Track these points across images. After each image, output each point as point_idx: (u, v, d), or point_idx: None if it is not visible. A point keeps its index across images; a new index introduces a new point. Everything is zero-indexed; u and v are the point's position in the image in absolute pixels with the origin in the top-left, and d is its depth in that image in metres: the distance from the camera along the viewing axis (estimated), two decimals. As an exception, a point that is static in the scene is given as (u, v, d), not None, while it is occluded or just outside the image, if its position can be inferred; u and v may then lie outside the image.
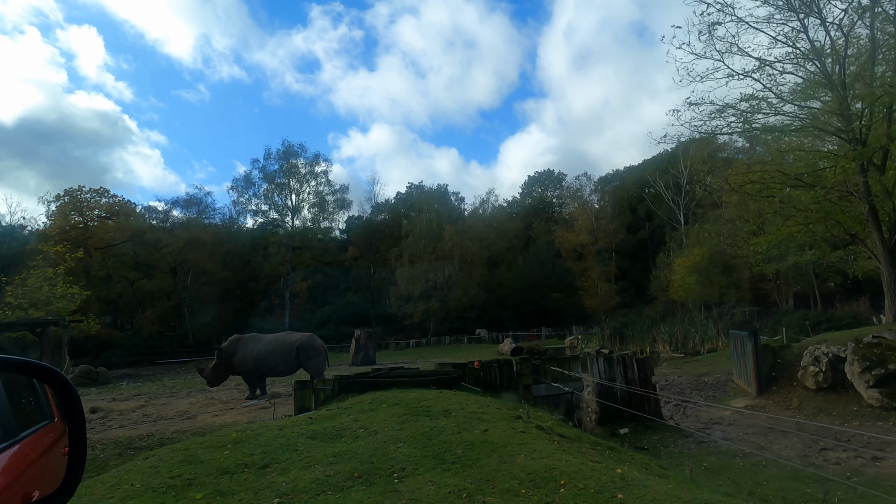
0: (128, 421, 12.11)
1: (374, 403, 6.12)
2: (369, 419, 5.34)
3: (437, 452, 4.04)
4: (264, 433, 5.14)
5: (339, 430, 5.03)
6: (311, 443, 4.67)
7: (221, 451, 4.67)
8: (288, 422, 5.72)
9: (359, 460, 3.99)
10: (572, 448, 4.34)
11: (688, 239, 42.23)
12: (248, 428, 5.57)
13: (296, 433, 5.03)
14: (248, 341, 14.00)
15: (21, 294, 27.08)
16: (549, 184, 73.37)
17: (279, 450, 4.51)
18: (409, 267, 40.89)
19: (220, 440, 5.06)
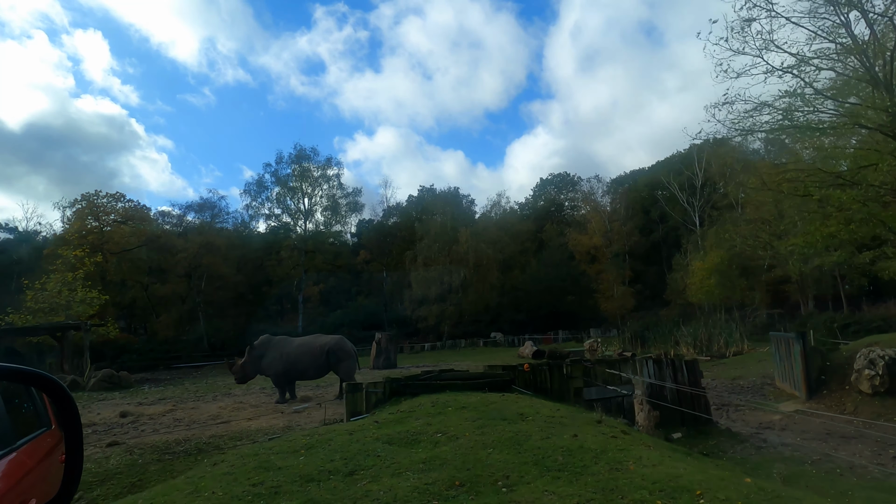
0: (160, 425, 11.98)
1: (439, 406, 5.91)
2: (442, 423, 5.12)
3: (536, 459, 3.82)
4: (335, 438, 4.94)
5: (413, 434, 4.82)
6: (391, 448, 4.46)
7: (296, 457, 4.48)
8: (354, 426, 5.52)
9: (453, 467, 3.78)
10: (676, 455, 4.11)
11: (705, 241, 41.74)
12: (316, 432, 5.37)
13: (368, 438, 4.83)
14: (278, 344, 13.85)
15: (41, 298, 27.15)
16: (563, 186, 73.12)
17: (359, 456, 4.31)
18: (423, 270, 40.72)
19: (290, 445, 4.87)
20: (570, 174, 74.23)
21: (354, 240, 60.70)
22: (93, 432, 11.61)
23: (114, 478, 8.40)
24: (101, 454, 9.43)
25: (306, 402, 13.23)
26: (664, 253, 60.88)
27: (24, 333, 25.91)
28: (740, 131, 13.52)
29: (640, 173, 72.24)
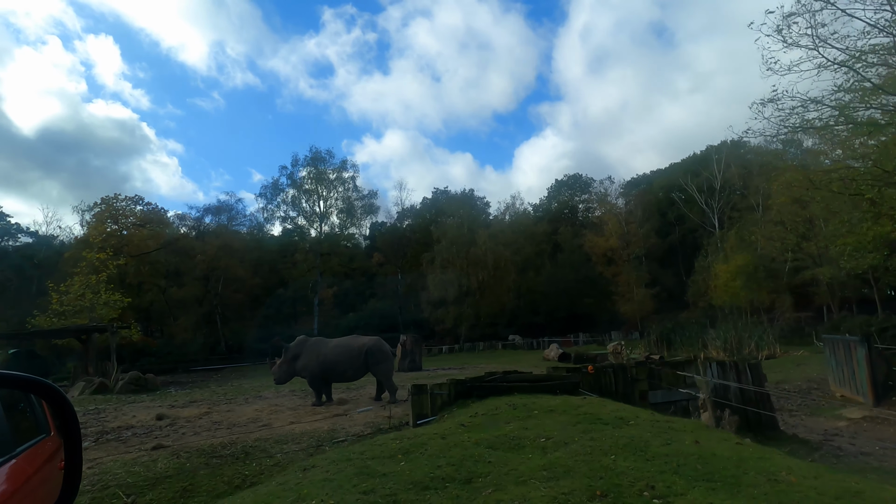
0: (199, 428, 11.79)
1: (522, 409, 5.63)
2: (539, 427, 4.85)
3: (671, 467, 3.53)
4: (429, 443, 4.68)
5: (513, 439, 4.55)
6: (497, 453, 4.19)
7: (396, 463, 4.22)
8: (442, 429, 5.25)
9: (582, 475, 3.50)
10: (819, 465, 3.79)
11: (725, 243, 41.17)
12: (403, 436, 5.11)
13: (466, 442, 4.56)
14: (314, 345, 13.62)
15: (66, 301, 27.24)
16: (576, 188, 72.70)
17: (467, 461, 4.04)
18: (440, 272, 40.44)
19: (381, 450, 4.62)
20: (583, 176, 73.82)
21: (368, 242, 60.63)
22: (133, 435, 11.46)
23: (164, 482, 8.20)
24: (148, 457, 9.24)
25: (369, 406, 12.93)
26: (681, 255, 60.24)
27: (51, 336, 25.99)
28: (791, 128, 13.13)
29: (655, 175, 71.71)
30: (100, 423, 13.47)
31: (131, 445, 10.38)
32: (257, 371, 33.96)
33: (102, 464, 9.03)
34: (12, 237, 51.78)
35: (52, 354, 41.74)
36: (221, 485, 7.98)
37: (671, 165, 72.84)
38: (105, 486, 7.98)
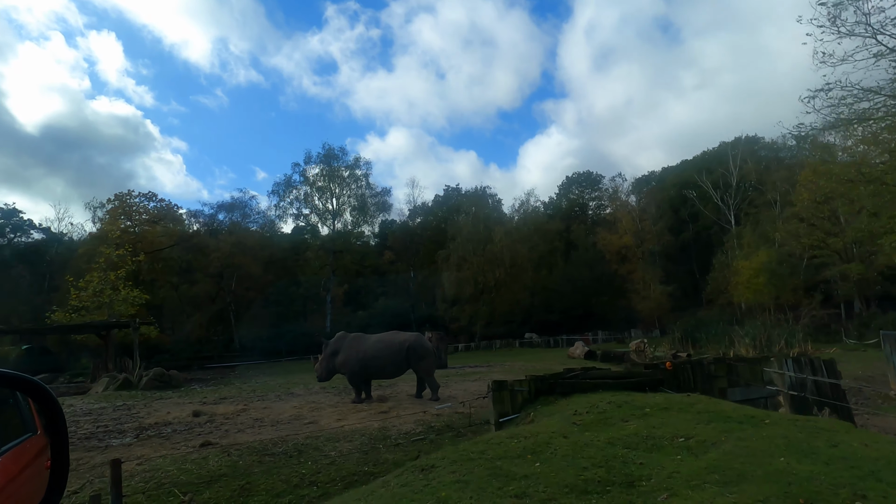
0: (242, 425, 11.50)
1: (632, 407, 5.29)
2: (666, 425, 4.51)
3: (862, 473, 3.18)
4: (553, 442, 4.35)
5: (647, 438, 4.21)
6: (640, 454, 3.86)
7: (530, 464, 3.89)
8: (553, 428, 4.91)
9: (759, 479, 3.16)
10: None
11: (743, 239, 40.70)
12: (517, 435, 4.77)
13: (598, 442, 4.23)
14: (353, 341, 13.32)
15: (85, 297, 27.03)
16: (587, 185, 72.25)
17: (613, 462, 3.71)
18: (456, 269, 40.09)
19: (504, 450, 4.28)
20: (593, 173, 73.31)
21: (377, 240, 60.35)
22: (173, 432, 11.19)
23: (219, 480, 7.92)
24: (197, 455, 8.96)
25: (445, 403, 12.60)
26: (694, 253, 59.80)
27: (72, 331, 25.79)
28: (846, 119, 12.73)
29: (666, 172, 71.16)
30: (134, 419, 13.22)
31: (176, 442, 10.12)
32: (273, 368, 33.69)
33: (151, 461, 8.77)
34: (25, 233, 51.75)
35: (63, 351, 41.62)
36: (279, 484, 7.70)
37: (683, 162, 72.27)
38: (159, 483, 7.70)
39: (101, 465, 8.68)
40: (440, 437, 9.11)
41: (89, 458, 9.22)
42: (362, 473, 8.10)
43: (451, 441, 8.54)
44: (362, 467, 8.34)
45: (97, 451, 9.70)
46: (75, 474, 8.27)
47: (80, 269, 41.67)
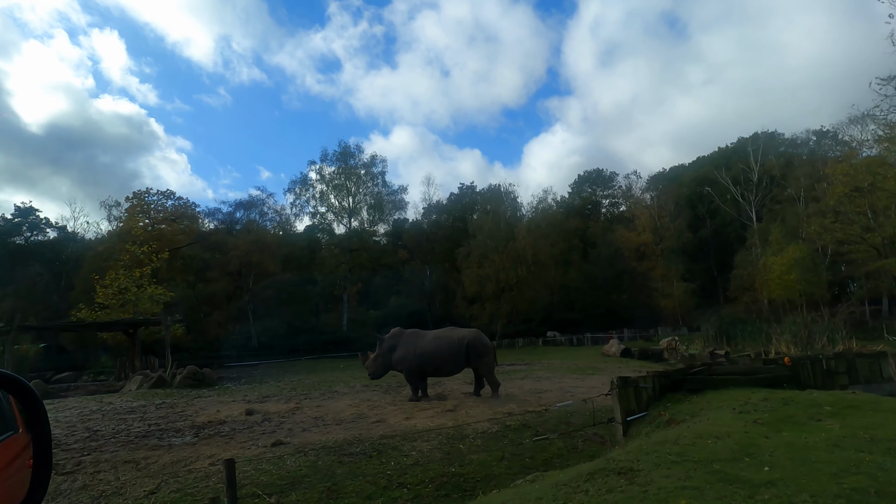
0: (304, 424, 11.08)
1: (799, 408, 4.84)
2: (875, 426, 4.07)
3: None
4: (759, 442, 3.90)
5: (872, 441, 3.77)
6: (891, 460, 3.41)
7: (755, 468, 3.44)
8: (736, 427, 4.47)
9: None
10: None
11: (770, 235, 40.05)
12: (706, 434, 4.33)
13: (830, 444, 3.78)
14: (411, 337, 12.91)
15: (110, 294, 26.75)
16: (599, 183, 71.84)
17: (867, 469, 3.27)
18: (477, 267, 39.63)
19: (711, 452, 3.84)
20: (605, 171, 72.94)
21: (392, 238, 59.99)
22: (233, 430, 10.78)
23: (302, 481, 7.53)
24: (272, 455, 8.58)
25: (568, 401, 12.22)
26: (713, 250, 59.18)
27: (102, 328, 25.48)
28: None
29: (681, 169, 70.66)
30: (184, 418, 12.84)
31: (242, 441, 9.73)
32: (296, 367, 33.32)
33: (221, 461, 8.38)
34: (41, 232, 51.60)
35: (79, 349, 41.32)
36: (367, 485, 7.32)
37: (699, 159, 71.71)
38: (239, 484, 7.29)
39: (171, 465, 8.33)
40: (542, 438, 8.70)
41: (156, 457, 8.85)
42: (451, 475, 7.72)
43: (561, 440, 8.13)
44: (448, 468, 7.96)
45: (162, 450, 9.33)
46: (146, 473, 7.91)
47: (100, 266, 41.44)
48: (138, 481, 7.71)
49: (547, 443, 8.71)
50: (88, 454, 9.24)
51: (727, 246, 58.07)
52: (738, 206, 51.30)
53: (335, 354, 41.30)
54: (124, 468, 8.41)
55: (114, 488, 7.38)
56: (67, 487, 7.56)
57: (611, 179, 71.39)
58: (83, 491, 7.28)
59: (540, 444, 8.74)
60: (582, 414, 9.82)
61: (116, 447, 9.71)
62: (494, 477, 7.78)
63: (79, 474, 8.16)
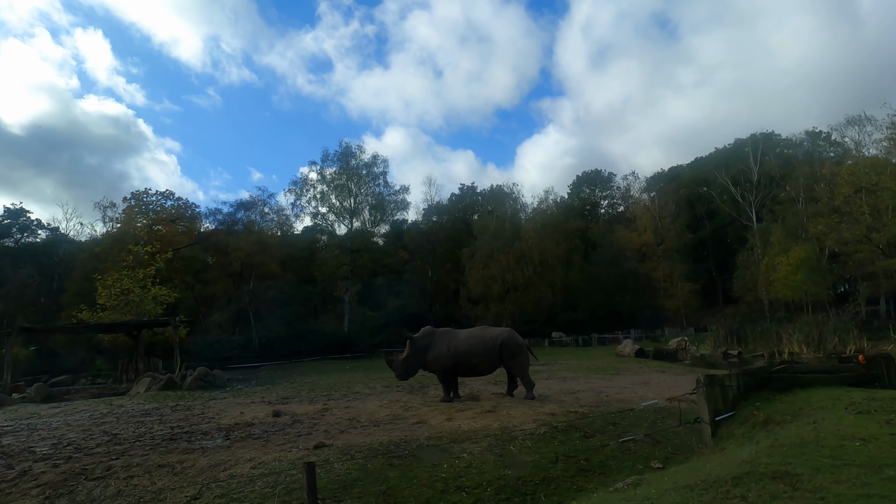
0: (340, 426, 10.71)
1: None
2: None
3: None
4: None
5: None
6: None
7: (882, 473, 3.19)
8: (876, 429, 4.20)
9: None
10: None
11: (772, 235, 40.23)
12: (836, 437, 4.07)
13: None
14: (444, 336, 12.59)
15: (112, 296, 26.12)
16: (598, 184, 72.05)
17: None
18: (483, 268, 39.36)
19: (870, 456, 3.57)
20: (603, 171, 73.24)
21: (392, 239, 59.60)
22: (266, 433, 10.38)
23: (354, 485, 7.20)
24: (315, 457, 8.22)
25: (653, 400, 11.89)
26: (711, 251, 59.51)
27: (106, 330, 24.84)
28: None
29: (679, 170, 71.06)
30: (206, 420, 12.41)
31: (279, 444, 9.33)
32: (300, 368, 32.86)
33: (266, 464, 7.99)
34: (32, 233, 50.59)
35: (69, 352, 40.42)
36: (424, 489, 7.00)
37: (696, 160, 72.21)
38: (288, 488, 6.95)
39: (209, 469, 7.93)
40: (628, 439, 8.43)
41: (191, 461, 8.44)
42: (508, 478, 7.43)
43: (613, 443, 7.88)
44: (503, 470, 7.67)
45: (195, 454, 8.92)
46: (183, 478, 7.52)
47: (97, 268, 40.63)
48: (177, 486, 7.31)
49: (601, 445, 8.46)
50: (116, 458, 8.83)
51: (725, 246, 58.44)
52: (738, 206, 51.57)
53: (338, 356, 40.85)
54: (159, 473, 8.00)
55: (151, 494, 6.99)
56: (101, 494, 7.15)
57: (609, 180, 71.68)
58: (119, 497, 6.88)
59: (591, 446, 8.49)
60: (641, 414, 9.57)
61: (144, 451, 9.29)
62: (552, 480, 7.49)
63: (111, 479, 7.74)
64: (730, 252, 57.59)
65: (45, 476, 7.77)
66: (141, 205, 40.67)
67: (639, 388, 13.93)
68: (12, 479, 7.62)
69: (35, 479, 7.58)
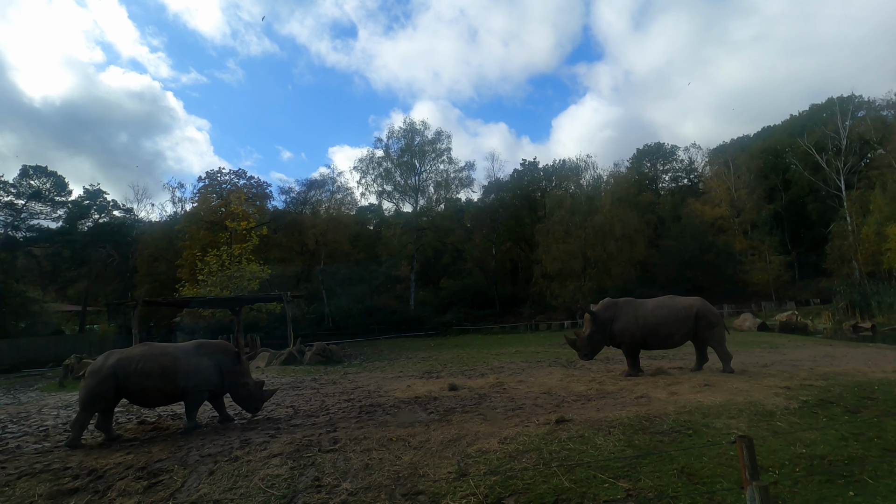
0: (547, 401, 10.02)
1: None
2: None
3: None
4: None
5: None
6: None
7: None
8: None
9: None
10: None
11: (872, 203, 37.47)
12: None
13: None
14: (628, 307, 11.73)
15: (213, 271, 26.33)
16: (659, 157, 69.54)
17: None
18: (562, 243, 38.15)
19: None
20: (665, 145, 70.57)
21: (457, 216, 58.87)
22: (459, 406, 9.76)
23: (639, 462, 6.44)
24: (567, 433, 7.52)
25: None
26: (786, 222, 56.43)
27: (220, 305, 25.02)
28: None
29: (745, 140, 67.53)
30: (370, 394, 11.89)
31: (503, 419, 8.63)
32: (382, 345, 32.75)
33: (513, 439, 7.32)
34: (108, 214, 52.09)
35: (143, 330, 41.71)
36: (720, 467, 6.21)
37: (765, 129, 68.56)
38: (567, 466, 6.22)
39: (450, 443, 7.29)
40: (857, 414, 7.45)
41: (421, 434, 7.79)
42: (805, 456, 6.57)
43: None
44: (793, 448, 6.81)
45: (417, 427, 8.33)
46: (427, 452, 6.84)
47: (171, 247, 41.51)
48: (428, 461, 6.67)
49: (877, 420, 7.55)
50: (333, 430, 8.35)
51: (803, 218, 55.26)
52: (822, 175, 48.32)
53: (411, 334, 40.69)
54: (395, 446, 7.42)
55: (406, 468, 6.36)
56: (346, 466, 6.56)
57: (672, 153, 68.96)
58: (369, 470, 6.26)
59: (869, 423, 7.59)
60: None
61: (360, 423, 8.78)
62: (857, 459, 6.58)
63: (347, 452, 7.21)
64: (807, 223, 54.43)
65: (272, 446, 7.37)
66: (215, 184, 41.04)
67: (827, 360, 12.81)
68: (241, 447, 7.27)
69: (263, 448, 7.19)
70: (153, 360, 8.08)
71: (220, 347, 8.82)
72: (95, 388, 7.79)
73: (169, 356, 8.24)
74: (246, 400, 8.77)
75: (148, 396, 8.15)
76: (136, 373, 7.92)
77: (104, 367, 7.93)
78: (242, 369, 8.80)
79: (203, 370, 8.37)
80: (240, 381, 8.69)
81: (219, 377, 8.55)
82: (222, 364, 8.59)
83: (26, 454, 7.48)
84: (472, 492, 5.27)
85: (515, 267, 55.16)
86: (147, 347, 8.43)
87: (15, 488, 5.84)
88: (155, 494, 5.44)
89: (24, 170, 44.81)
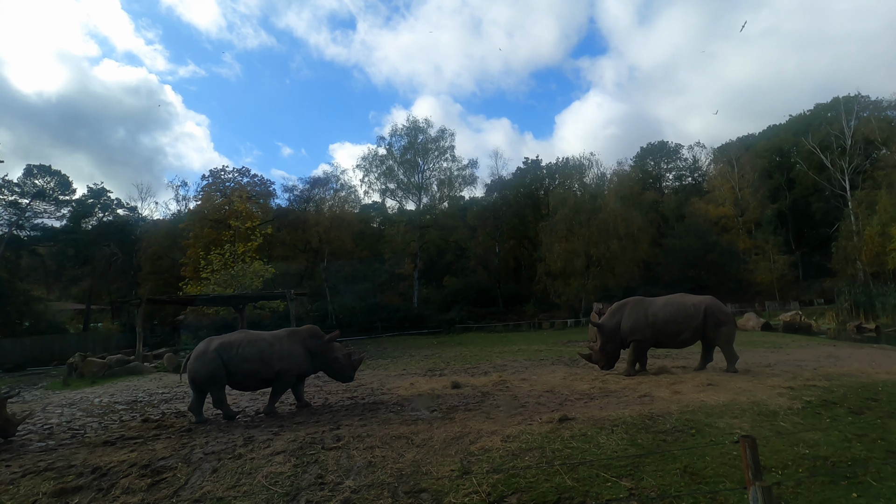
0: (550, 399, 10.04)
1: None
2: None
3: None
4: None
5: None
6: None
7: None
8: None
9: None
10: None
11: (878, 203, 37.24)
12: None
13: None
14: (636, 305, 11.71)
15: (217, 269, 26.39)
16: (663, 155, 69.51)
17: None
18: (565, 241, 38.09)
19: None
20: (669, 143, 70.57)
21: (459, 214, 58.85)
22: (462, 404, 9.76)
23: (641, 461, 6.42)
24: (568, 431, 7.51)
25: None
26: (791, 222, 56.20)
27: (224, 302, 25.04)
28: None
29: (749, 139, 67.30)
30: (373, 392, 11.90)
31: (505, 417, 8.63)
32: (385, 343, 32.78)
33: (516, 437, 7.31)
34: (112, 212, 52.31)
35: (145, 328, 41.82)
36: (723, 467, 6.19)
37: (770, 128, 68.27)
38: (570, 464, 6.21)
39: (451, 441, 7.29)
40: (860, 415, 7.39)
41: (423, 432, 7.79)
42: (809, 457, 6.55)
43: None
44: (796, 449, 6.80)
45: (419, 425, 8.31)
46: (429, 450, 6.86)
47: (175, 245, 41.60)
48: (431, 459, 6.68)
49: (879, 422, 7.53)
50: (336, 428, 8.35)
51: (807, 218, 55.03)
52: (826, 174, 48.11)
53: (414, 332, 40.72)
54: (398, 444, 7.42)
55: (407, 465, 6.35)
56: (350, 464, 6.56)
57: (676, 151, 68.94)
58: (372, 468, 6.26)
59: (872, 424, 7.57)
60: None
61: (363, 421, 8.77)
62: (861, 460, 6.56)
63: (350, 450, 7.22)
64: (811, 223, 54.18)
65: (275, 443, 7.39)
66: (218, 182, 41.15)
67: (831, 361, 12.77)
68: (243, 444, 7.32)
69: (266, 445, 7.21)
70: (252, 346, 8.67)
71: (309, 333, 9.41)
72: (203, 369, 8.34)
73: (265, 342, 8.85)
74: (340, 373, 9.69)
75: (247, 379, 8.68)
76: (237, 357, 8.48)
77: (209, 350, 8.46)
78: (332, 347, 9.49)
79: (295, 356, 8.99)
80: (331, 357, 9.43)
81: (309, 362, 9.20)
82: (312, 348, 9.19)
83: (31, 452, 7.53)
84: (474, 490, 5.27)
85: (519, 265, 55.11)
86: (244, 334, 9.00)
87: (19, 486, 5.88)
88: (159, 492, 5.46)
89: (29, 169, 45.02)
